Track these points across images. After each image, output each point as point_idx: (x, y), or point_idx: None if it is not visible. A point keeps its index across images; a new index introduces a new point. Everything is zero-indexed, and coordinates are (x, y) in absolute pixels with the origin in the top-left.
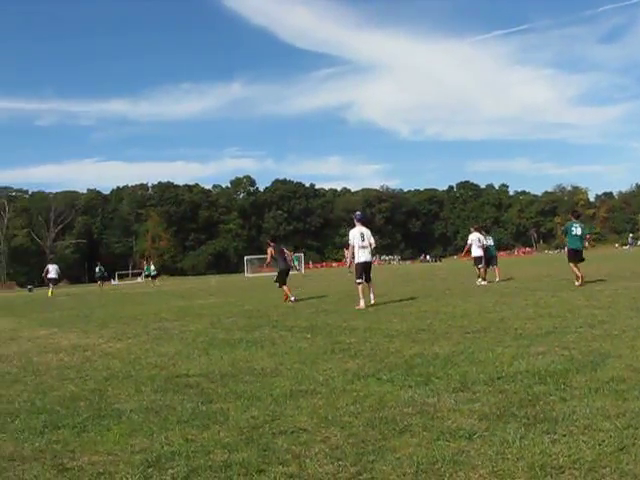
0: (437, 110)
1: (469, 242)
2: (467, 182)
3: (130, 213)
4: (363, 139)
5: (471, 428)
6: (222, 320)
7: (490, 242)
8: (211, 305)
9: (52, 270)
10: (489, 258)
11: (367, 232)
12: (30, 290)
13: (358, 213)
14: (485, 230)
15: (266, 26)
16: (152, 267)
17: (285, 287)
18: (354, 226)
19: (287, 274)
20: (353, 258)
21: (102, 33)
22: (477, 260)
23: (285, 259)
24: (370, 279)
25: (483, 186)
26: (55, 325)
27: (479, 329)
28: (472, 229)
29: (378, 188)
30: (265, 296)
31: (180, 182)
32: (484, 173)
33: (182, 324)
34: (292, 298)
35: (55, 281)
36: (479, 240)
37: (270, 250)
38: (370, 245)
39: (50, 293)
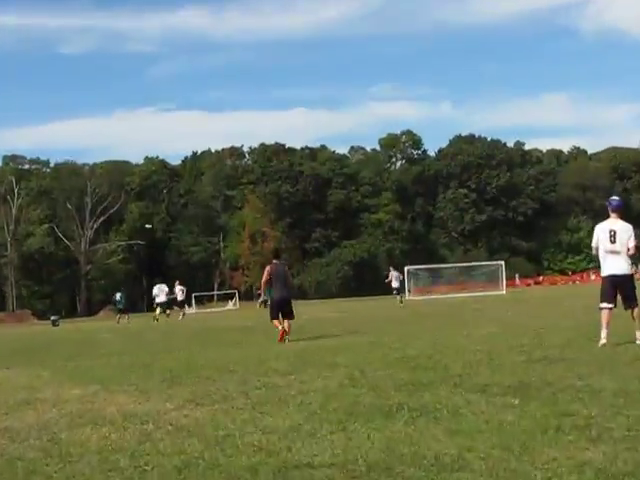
0: None
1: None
2: None
3: (215, 196)
4: (607, 61)
5: None
6: (368, 373)
7: None
8: (347, 347)
9: (160, 292)
10: None
11: (624, 228)
12: (55, 323)
13: (615, 199)
14: None
15: None
16: (118, 295)
17: (276, 322)
18: (606, 217)
19: (284, 306)
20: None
21: None
22: None
23: (286, 284)
24: (632, 302)
25: None
26: (96, 380)
27: None
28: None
29: (638, 147)
30: (440, 333)
31: (296, 144)
32: None
33: (302, 379)
34: (287, 339)
35: (166, 305)
36: None
37: (268, 270)
38: (628, 249)
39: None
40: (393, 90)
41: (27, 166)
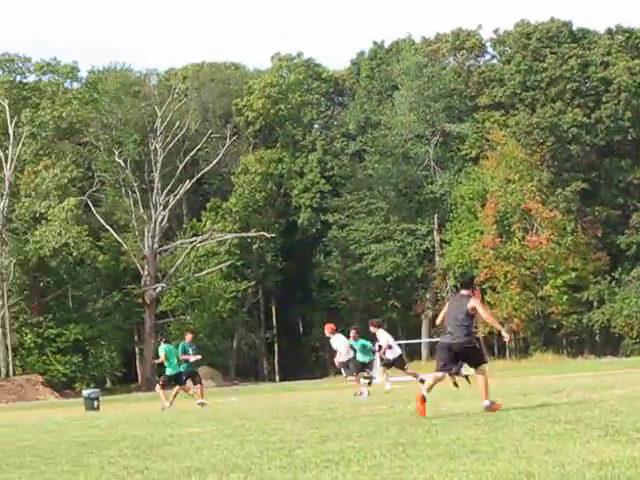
0: None
1: None
2: None
3: (420, 136)
4: None
5: None
6: None
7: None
8: None
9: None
10: None
11: None
12: (92, 404)
13: None
14: None
15: None
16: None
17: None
18: None
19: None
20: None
21: None
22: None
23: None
24: None
25: None
26: None
27: None
28: None
29: None
30: None
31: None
32: None
33: None
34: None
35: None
36: None
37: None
38: None
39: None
40: None
41: (32, 78)
